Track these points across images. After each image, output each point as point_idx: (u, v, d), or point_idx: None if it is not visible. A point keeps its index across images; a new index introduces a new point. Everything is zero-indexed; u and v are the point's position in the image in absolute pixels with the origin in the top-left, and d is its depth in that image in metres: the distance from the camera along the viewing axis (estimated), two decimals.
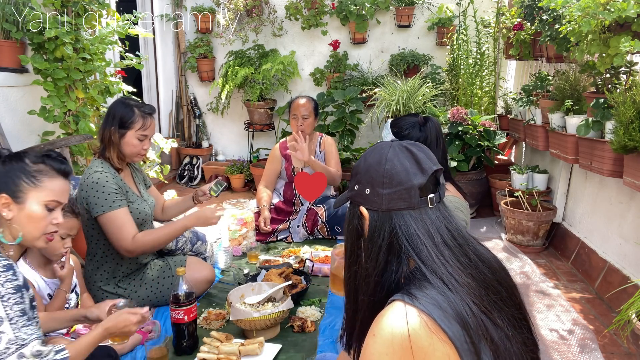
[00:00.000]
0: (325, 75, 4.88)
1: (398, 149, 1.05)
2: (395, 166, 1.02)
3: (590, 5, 2.19)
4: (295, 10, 4.68)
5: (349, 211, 1.11)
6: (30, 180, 1.30)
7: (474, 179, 3.89)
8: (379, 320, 0.93)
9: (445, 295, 0.93)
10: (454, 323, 0.90)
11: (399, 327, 0.89)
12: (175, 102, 5.23)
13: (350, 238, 1.10)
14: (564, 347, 2.19)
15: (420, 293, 0.93)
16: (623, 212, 2.66)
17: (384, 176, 1.02)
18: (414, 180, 1.01)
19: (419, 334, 0.88)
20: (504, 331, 0.95)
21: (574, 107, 2.84)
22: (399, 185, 1.01)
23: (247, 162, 5.04)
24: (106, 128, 2.17)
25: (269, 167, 3.42)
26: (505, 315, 0.98)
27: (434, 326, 0.89)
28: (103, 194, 2.09)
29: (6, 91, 2.90)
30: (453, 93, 4.49)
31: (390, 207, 1.02)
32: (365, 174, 1.06)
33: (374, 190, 1.03)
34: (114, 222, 2.09)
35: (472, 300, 0.94)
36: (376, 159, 1.05)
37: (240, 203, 3.11)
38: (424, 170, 1.03)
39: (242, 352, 1.87)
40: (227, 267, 2.84)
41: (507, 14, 3.75)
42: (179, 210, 2.66)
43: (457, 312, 0.91)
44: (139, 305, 2.25)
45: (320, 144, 3.41)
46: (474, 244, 1.05)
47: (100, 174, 2.12)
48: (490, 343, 0.92)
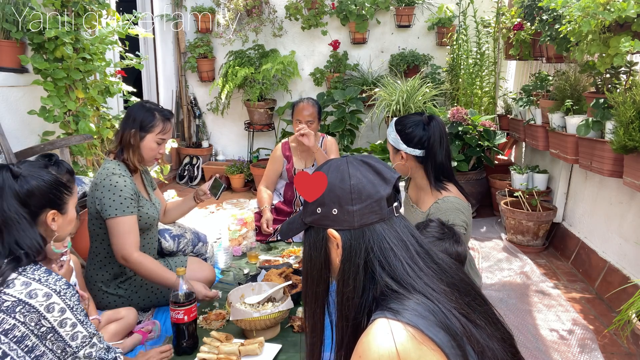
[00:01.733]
0: (325, 75, 4.88)
1: (356, 163, 1.03)
2: (361, 180, 1.00)
3: (590, 5, 2.19)
4: (295, 10, 4.68)
5: (310, 239, 1.05)
6: (68, 191, 1.42)
7: (474, 179, 3.89)
8: (363, 340, 0.90)
9: (426, 305, 0.92)
10: (439, 330, 0.89)
11: (385, 346, 0.86)
12: (175, 102, 5.23)
13: (317, 267, 1.04)
14: (564, 347, 2.19)
15: (400, 307, 0.91)
16: (623, 212, 2.66)
17: (352, 192, 0.99)
18: (382, 191, 1.00)
19: (407, 348, 0.86)
20: (485, 331, 0.95)
21: (574, 107, 2.84)
22: (369, 199, 0.99)
23: (247, 162, 5.04)
24: (126, 130, 2.19)
25: (270, 168, 3.41)
26: (480, 314, 0.98)
27: (421, 336, 0.87)
28: (119, 198, 2.10)
29: (6, 91, 2.90)
30: (453, 93, 4.49)
31: (362, 223, 0.99)
32: (328, 194, 1.01)
33: (342, 208, 0.99)
34: (123, 227, 2.10)
35: (453, 306, 0.93)
36: (337, 176, 1.01)
37: (240, 203, 3.11)
38: (387, 179, 1.02)
39: (242, 352, 1.87)
40: (227, 267, 2.84)
41: (507, 14, 3.75)
42: (181, 212, 2.66)
43: (439, 319, 0.90)
44: (139, 306, 2.27)
45: (322, 145, 3.40)
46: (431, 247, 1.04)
47: (119, 177, 2.13)
48: (476, 345, 0.91)
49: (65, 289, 1.25)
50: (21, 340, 1.20)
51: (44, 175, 1.35)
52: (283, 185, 3.42)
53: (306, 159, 3.35)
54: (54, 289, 1.24)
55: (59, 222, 1.38)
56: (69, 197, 1.41)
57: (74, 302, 1.26)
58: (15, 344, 1.19)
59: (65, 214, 1.40)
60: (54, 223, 1.37)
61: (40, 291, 1.22)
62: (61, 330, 1.23)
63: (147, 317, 2.28)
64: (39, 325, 1.21)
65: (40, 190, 1.33)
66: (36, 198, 1.32)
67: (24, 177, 1.32)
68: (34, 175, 1.34)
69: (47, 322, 1.22)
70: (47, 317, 1.21)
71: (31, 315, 1.20)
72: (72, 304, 1.26)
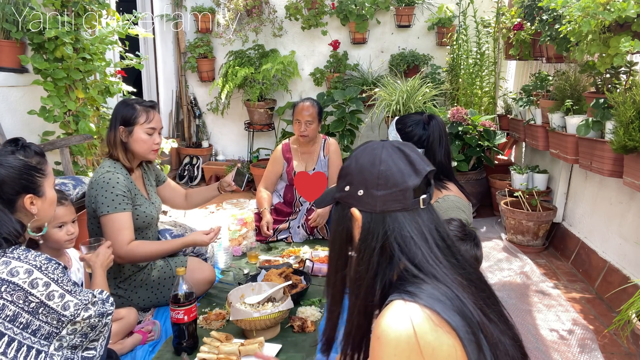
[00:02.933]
0: (325, 75, 4.88)
1: (391, 150, 1.04)
2: (391, 167, 1.01)
3: (590, 5, 2.19)
4: (295, 10, 4.68)
5: (337, 213, 1.09)
6: (41, 174, 1.41)
7: (474, 179, 3.89)
8: (381, 322, 0.91)
9: (443, 290, 0.93)
10: (454, 314, 0.90)
11: (403, 326, 0.88)
12: (175, 102, 5.23)
13: (339, 241, 1.08)
14: (564, 347, 2.19)
15: (417, 290, 0.93)
16: (623, 212, 2.66)
17: (379, 177, 1.01)
18: (409, 181, 1.00)
19: (424, 329, 0.87)
20: (497, 327, 0.96)
21: (574, 107, 2.84)
22: (394, 187, 1.00)
23: (247, 162, 5.04)
24: (111, 130, 2.20)
25: (270, 169, 3.39)
26: (494, 311, 1.00)
27: (438, 318, 0.89)
28: (111, 195, 2.10)
29: (6, 91, 2.90)
30: (453, 93, 4.49)
31: (384, 209, 1.00)
32: (358, 175, 1.04)
33: (367, 191, 1.01)
34: (114, 224, 2.10)
35: (469, 297, 0.95)
36: (369, 160, 1.04)
37: (240, 203, 3.11)
38: (418, 171, 1.02)
39: (242, 352, 1.87)
40: (227, 267, 2.84)
41: (507, 14, 3.75)
42: (204, 199, 2.68)
43: (456, 305, 0.92)
44: (139, 306, 2.27)
45: (324, 148, 3.37)
46: (455, 243, 1.06)
47: (112, 174, 2.13)
48: (490, 337, 0.93)
49: (47, 264, 1.27)
50: (14, 318, 1.23)
51: (11, 161, 1.35)
52: (283, 186, 3.41)
53: (307, 161, 3.34)
54: (34, 265, 1.25)
55: (38, 205, 1.39)
56: (42, 179, 1.40)
57: (57, 274, 1.27)
58: (9, 322, 1.22)
59: (42, 196, 1.40)
60: (33, 207, 1.37)
61: (20, 268, 1.23)
62: (50, 303, 1.25)
63: (147, 317, 2.28)
64: (28, 302, 1.23)
65: (10, 177, 1.33)
66: (8, 186, 1.33)
67: None
68: (2, 164, 1.34)
69: (35, 298, 1.23)
70: (33, 293, 1.23)
71: (17, 294, 1.22)
72: (56, 276, 1.27)
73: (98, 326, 1.36)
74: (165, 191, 2.59)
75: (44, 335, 1.27)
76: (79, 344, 1.33)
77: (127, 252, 2.12)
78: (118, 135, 2.19)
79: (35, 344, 1.25)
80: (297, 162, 3.33)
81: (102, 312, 1.36)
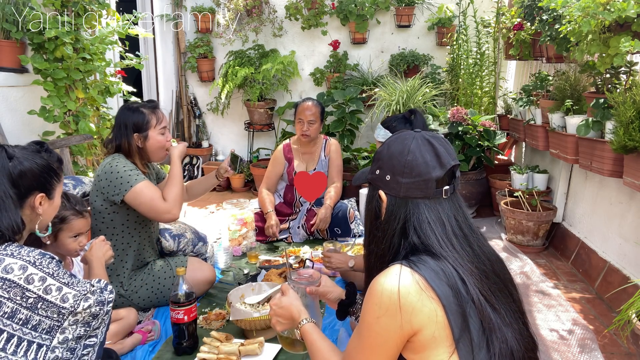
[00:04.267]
0: (325, 75, 4.88)
1: (421, 141, 1.11)
2: (417, 158, 1.09)
3: (590, 5, 2.19)
4: (295, 10, 4.68)
5: (369, 193, 1.20)
6: (57, 177, 1.44)
7: (474, 179, 3.89)
8: (375, 278, 1.03)
9: (444, 267, 1.02)
10: (444, 284, 0.99)
11: (390, 284, 1.00)
12: (175, 102, 5.23)
13: (369, 218, 1.19)
14: (564, 347, 2.20)
15: (418, 261, 1.03)
16: (623, 212, 2.66)
17: (405, 166, 1.09)
18: (433, 173, 1.08)
19: (409, 291, 0.98)
20: (501, 317, 1.02)
21: (574, 107, 2.84)
22: (417, 177, 1.08)
23: (247, 162, 5.04)
24: (122, 139, 2.19)
25: (272, 170, 3.38)
26: (503, 304, 1.05)
27: (425, 284, 0.98)
28: (125, 173, 2.11)
29: (6, 91, 2.90)
30: (453, 93, 4.49)
31: (407, 195, 1.09)
32: (387, 161, 1.13)
33: (394, 177, 1.10)
34: (144, 195, 2.11)
35: (474, 282, 1.01)
36: (399, 148, 1.12)
37: (240, 203, 3.11)
38: (443, 164, 1.09)
39: (242, 352, 1.87)
40: (227, 267, 2.84)
41: (507, 14, 3.75)
42: (204, 188, 2.68)
43: (450, 280, 1.00)
44: (139, 306, 2.27)
45: (325, 148, 3.36)
46: (478, 236, 1.12)
47: (117, 162, 2.15)
48: (487, 321, 0.99)
49: (40, 259, 1.27)
50: (12, 315, 1.23)
51: (37, 158, 1.38)
52: (283, 186, 3.41)
53: (307, 161, 3.33)
54: (28, 260, 1.25)
55: (45, 206, 1.40)
56: (57, 183, 1.44)
57: (52, 268, 1.28)
58: (8, 319, 1.22)
59: (52, 199, 1.43)
60: (40, 207, 1.38)
61: (15, 265, 1.23)
62: (49, 297, 1.26)
63: (147, 317, 2.28)
64: (25, 298, 1.23)
65: (32, 172, 1.36)
66: (27, 179, 1.35)
67: (17, 158, 1.35)
68: (27, 158, 1.37)
69: (32, 293, 1.24)
70: (30, 289, 1.23)
71: (14, 290, 1.22)
72: (51, 270, 1.27)
73: (100, 314, 1.37)
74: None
75: (45, 330, 1.27)
76: (83, 333, 1.33)
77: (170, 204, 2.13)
78: (134, 143, 2.19)
79: (36, 338, 1.26)
80: (298, 162, 3.32)
81: (102, 300, 1.37)
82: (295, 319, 1.33)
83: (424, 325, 0.97)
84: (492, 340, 0.99)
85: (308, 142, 3.29)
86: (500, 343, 0.99)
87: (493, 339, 0.99)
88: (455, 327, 0.96)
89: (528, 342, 1.07)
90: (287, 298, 1.38)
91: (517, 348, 1.01)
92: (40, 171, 1.38)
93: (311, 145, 3.32)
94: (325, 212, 3.10)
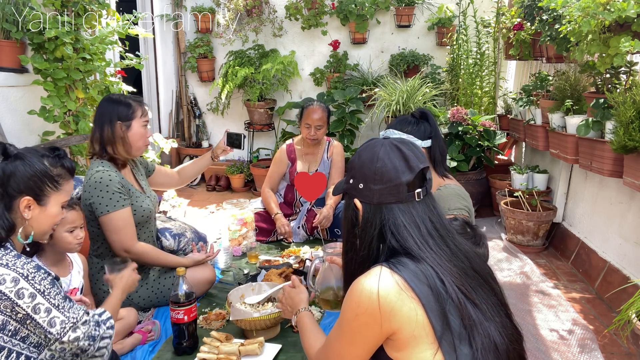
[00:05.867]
0: (325, 75, 4.88)
1: (389, 148, 1.15)
2: (386, 164, 1.13)
3: (590, 5, 2.19)
4: (295, 10, 4.68)
5: (345, 202, 1.22)
6: (53, 185, 1.38)
7: (474, 179, 3.89)
8: (357, 279, 1.07)
9: (423, 268, 1.05)
10: (423, 285, 1.02)
11: (369, 285, 1.03)
12: (175, 102, 5.23)
13: (346, 227, 1.22)
14: (564, 347, 2.19)
15: (398, 263, 1.06)
16: (623, 212, 2.66)
17: (376, 173, 1.12)
18: (403, 177, 1.11)
19: (388, 292, 1.01)
20: (483, 312, 1.05)
21: (574, 107, 2.84)
22: (389, 182, 1.12)
23: (247, 162, 5.03)
24: (105, 127, 2.16)
25: (275, 170, 3.35)
26: (484, 299, 1.08)
27: (404, 284, 1.02)
28: (107, 194, 2.09)
29: (6, 91, 2.90)
30: (453, 93, 4.49)
31: (380, 201, 1.12)
32: (359, 170, 1.16)
33: (366, 185, 1.14)
34: (117, 222, 2.10)
35: (452, 279, 1.05)
36: (369, 156, 1.15)
37: (240, 203, 3.10)
38: (412, 168, 1.13)
39: (242, 352, 1.87)
40: (227, 267, 2.84)
41: (507, 14, 3.75)
42: (198, 170, 2.70)
43: (429, 280, 1.03)
44: (139, 306, 2.27)
45: (328, 150, 3.35)
46: (453, 235, 1.15)
47: (102, 172, 2.12)
48: (467, 318, 1.02)
49: (34, 272, 1.23)
50: (3, 327, 1.20)
51: (34, 162, 1.35)
52: (284, 186, 3.40)
53: (310, 162, 3.33)
54: (21, 273, 1.21)
55: (34, 212, 1.35)
56: (51, 190, 1.38)
57: (44, 286, 1.23)
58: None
59: (43, 206, 1.37)
60: (27, 211, 1.33)
61: (8, 276, 1.20)
62: (37, 317, 1.21)
63: (147, 317, 2.28)
64: (15, 312, 1.20)
65: (22, 174, 1.32)
66: (15, 180, 1.31)
67: (14, 158, 1.33)
68: (24, 160, 1.34)
69: (21, 309, 1.20)
70: (19, 304, 1.20)
71: (5, 302, 1.19)
72: (43, 288, 1.23)
73: (89, 350, 1.28)
74: (158, 178, 2.58)
75: (33, 344, 1.24)
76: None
77: (138, 250, 2.14)
78: (117, 131, 2.16)
79: (24, 350, 1.23)
80: (301, 162, 3.32)
81: (93, 336, 1.29)
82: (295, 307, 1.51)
83: (403, 324, 1.00)
84: (474, 335, 1.01)
85: (313, 144, 3.28)
86: (482, 338, 1.02)
87: (475, 334, 1.02)
88: (436, 325, 0.99)
89: (512, 333, 1.09)
90: (295, 290, 1.56)
91: (501, 341, 1.04)
92: (31, 175, 1.33)
93: (315, 147, 3.31)
94: (327, 211, 3.11)
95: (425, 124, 2.05)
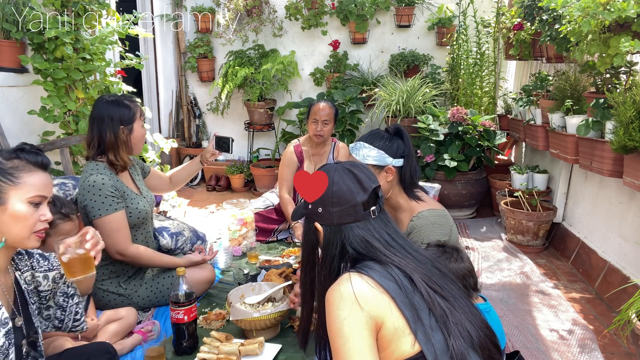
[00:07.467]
0: (325, 75, 4.88)
1: (342, 172, 1.24)
2: (341, 187, 1.22)
3: (590, 5, 2.19)
4: (295, 10, 4.68)
5: (306, 226, 1.30)
6: (7, 179, 1.23)
7: (474, 179, 3.89)
8: (329, 289, 1.14)
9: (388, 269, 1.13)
10: (390, 282, 1.10)
11: (344, 287, 1.10)
12: (175, 102, 5.23)
13: (307, 249, 1.30)
14: (564, 347, 2.19)
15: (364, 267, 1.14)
16: (623, 212, 2.66)
17: (333, 197, 1.22)
18: (358, 198, 1.21)
19: (362, 289, 1.09)
20: (450, 303, 1.12)
21: (574, 107, 2.84)
22: (345, 204, 1.21)
23: (247, 162, 5.03)
24: (106, 133, 2.14)
25: (287, 172, 3.27)
26: (451, 293, 1.16)
27: (374, 282, 1.10)
28: (100, 197, 2.08)
29: (6, 91, 2.90)
30: (453, 93, 4.49)
31: (340, 222, 1.21)
32: None
33: (325, 208, 1.22)
34: (110, 225, 2.09)
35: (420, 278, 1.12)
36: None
37: (240, 203, 3.10)
38: (365, 188, 1.22)
39: (242, 352, 1.87)
40: (227, 267, 2.84)
41: (507, 14, 3.75)
42: (188, 175, 2.70)
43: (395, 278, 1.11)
44: (139, 306, 2.27)
45: (334, 150, 3.34)
46: (411, 243, 1.25)
47: (95, 176, 2.11)
48: (437, 309, 1.09)
49: None
50: None
51: None
52: None
53: (317, 162, 3.31)
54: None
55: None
56: (6, 186, 1.22)
57: None
58: None
59: (3, 204, 1.22)
60: None
61: None
62: None
63: (147, 317, 2.28)
64: None
65: None
66: None
67: None
68: None
69: None
70: None
71: None
72: None
73: None
74: (152, 180, 2.58)
75: None
76: None
77: (132, 253, 2.13)
78: (121, 136, 2.16)
79: None
80: (308, 163, 3.30)
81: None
82: None
83: (385, 317, 1.07)
84: (447, 324, 1.08)
85: (320, 143, 3.26)
86: (455, 326, 1.09)
87: (448, 323, 1.08)
88: (408, 316, 1.07)
89: (481, 319, 1.16)
90: None
91: (472, 327, 1.11)
92: None
93: (321, 147, 3.30)
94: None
95: (399, 142, 1.89)
